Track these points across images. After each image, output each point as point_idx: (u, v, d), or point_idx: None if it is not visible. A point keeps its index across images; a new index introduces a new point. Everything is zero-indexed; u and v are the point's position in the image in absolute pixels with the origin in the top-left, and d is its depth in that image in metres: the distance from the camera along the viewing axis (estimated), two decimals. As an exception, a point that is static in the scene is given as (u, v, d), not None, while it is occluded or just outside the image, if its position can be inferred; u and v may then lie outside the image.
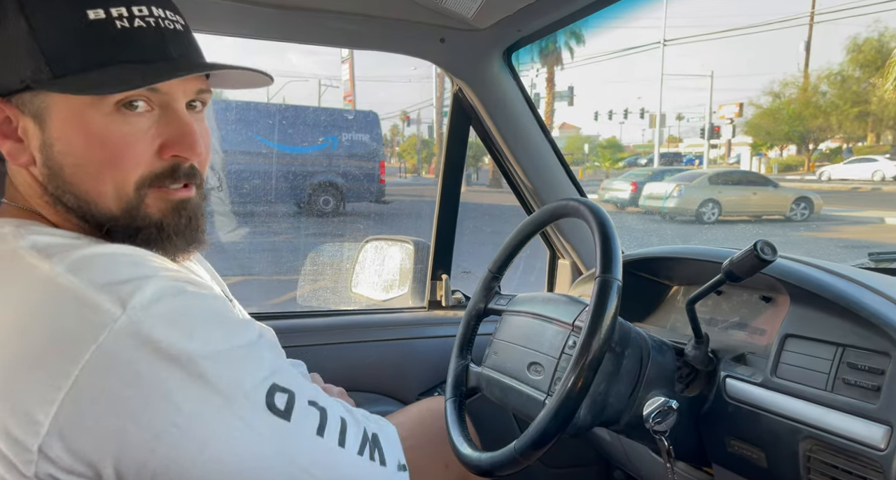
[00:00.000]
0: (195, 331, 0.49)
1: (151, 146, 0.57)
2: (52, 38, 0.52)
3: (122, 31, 0.53)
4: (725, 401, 0.93)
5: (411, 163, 23.49)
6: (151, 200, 0.58)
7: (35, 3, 0.52)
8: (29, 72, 0.52)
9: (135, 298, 0.48)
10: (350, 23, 1.17)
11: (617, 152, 28.84)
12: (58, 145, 0.55)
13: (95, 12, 0.52)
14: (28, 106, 0.54)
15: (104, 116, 0.54)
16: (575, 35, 20.71)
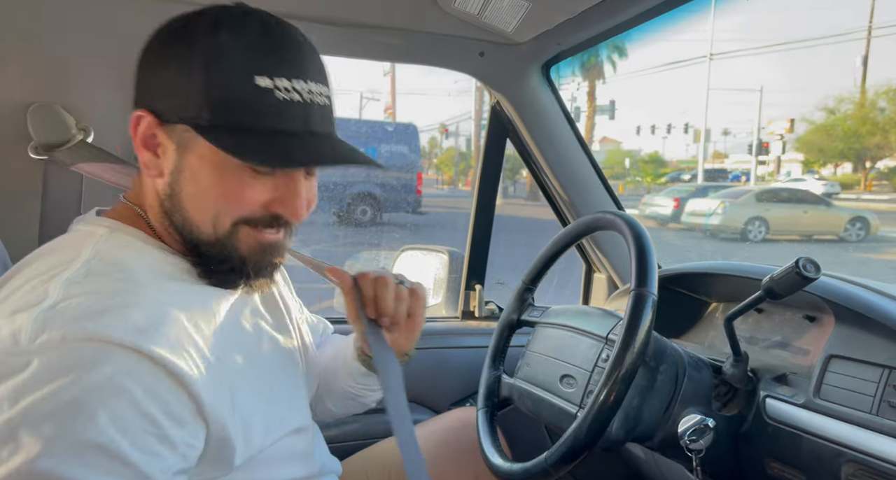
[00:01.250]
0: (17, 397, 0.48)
1: (261, 198, 0.62)
2: (221, 94, 0.57)
3: (279, 102, 0.58)
4: (765, 422, 0.91)
5: (448, 175, 23.64)
6: (243, 236, 0.63)
7: (219, 59, 0.57)
8: (191, 114, 0.58)
9: (25, 342, 0.49)
10: (392, 37, 1.20)
11: (659, 167, 28.28)
12: (187, 173, 0.60)
13: (262, 80, 0.57)
14: (176, 134, 0.60)
15: (234, 167, 0.59)
16: (617, 49, 20.54)
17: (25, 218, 1.00)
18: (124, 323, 0.52)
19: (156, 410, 0.51)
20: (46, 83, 1.01)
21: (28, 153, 0.99)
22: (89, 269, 0.56)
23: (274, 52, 0.59)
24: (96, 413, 0.48)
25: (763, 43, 49.90)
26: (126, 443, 0.49)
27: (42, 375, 0.48)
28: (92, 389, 0.48)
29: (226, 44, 0.58)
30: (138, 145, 0.62)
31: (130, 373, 0.50)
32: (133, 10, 1.03)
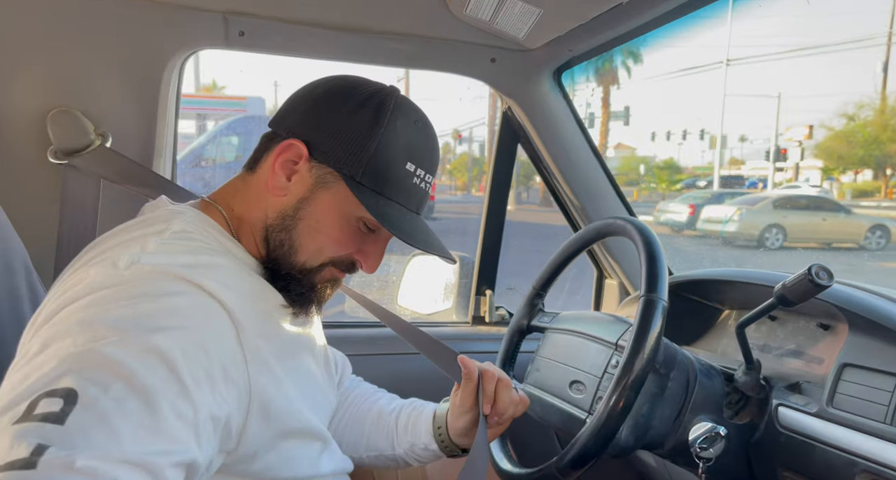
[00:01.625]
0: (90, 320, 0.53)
1: (353, 246, 0.72)
2: (380, 161, 0.68)
3: (413, 186, 0.71)
4: (777, 431, 0.90)
5: (462, 180, 23.66)
6: (326, 273, 0.73)
7: (390, 139, 0.69)
8: (346, 165, 0.68)
9: (122, 267, 0.57)
10: (404, 43, 1.21)
11: (674, 174, 28.03)
12: (310, 207, 0.69)
13: (410, 166, 0.70)
14: (319, 173, 0.69)
15: (350, 218, 0.70)
16: (632, 54, 20.46)
17: (45, 221, 1.03)
18: (210, 275, 0.60)
19: (213, 350, 0.56)
20: (66, 89, 1.03)
21: (48, 158, 1.01)
22: (180, 236, 0.64)
23: (425, 148, 0.72)
24: (168, 328, 0.53)
25: (781, 48, 49.38)
26: (182, 361, 0.52)
27: (129, 290, 0.54)
28: (170, 310, 0.54)
29: (400, 129, 0.70)
30: (275, 165, 0.69)
31: (206, 312, 0.57)
32: (149, 17, 1.05)
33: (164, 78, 1.08)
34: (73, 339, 0.50)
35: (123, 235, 0.64)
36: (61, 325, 0.52)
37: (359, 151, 0.68)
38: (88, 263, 0.60)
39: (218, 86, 23.97)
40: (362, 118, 0.68)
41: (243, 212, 0.72)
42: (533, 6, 1.06)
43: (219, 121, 9.82)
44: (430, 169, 0.73)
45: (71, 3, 1.01)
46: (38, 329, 0.54)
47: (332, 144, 0.68)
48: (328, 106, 0.70)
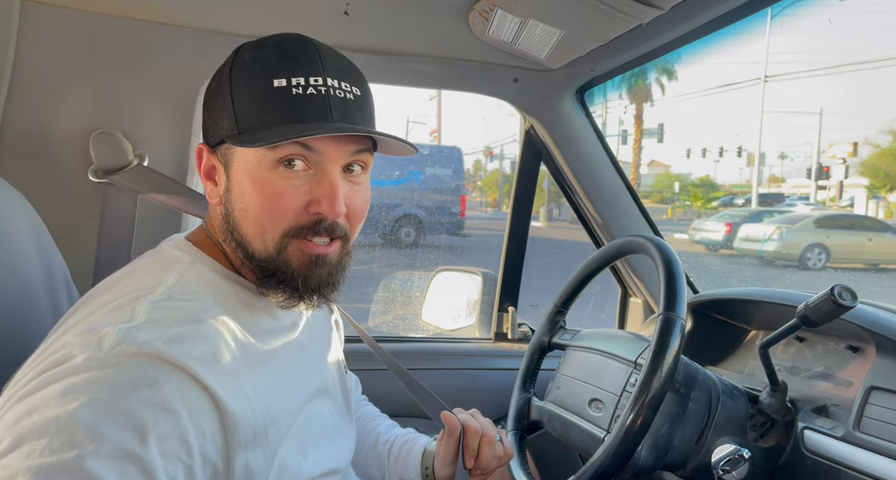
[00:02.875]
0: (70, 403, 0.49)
1: (300, 201, 0.63)
2: (243, 102, 0.62)
3: (295, 97, 0.62)
4: (803, 454, 0.87)
5: (492, 197, 23.68)
6: (293, 250, 0.64)
7: (239, 73, 0.63)
8: (226, 129, 0.63)
9: (107, 348, 0.53)
10: (429, 65, 1.25)
11: (710, 191, 27.45)
12: (233, 190, 0.65)
13: (279, 81, 0.62)
14: (223, 157, 0.66)
15: (267, 170, 0.62)
16: (666, 71, 20.28)
17: (84, 237, 1.08)
18: (190, 351, 0.55)
19: (194, 441, 0.53)
20: (108, 111, 1.10)
21: (88, 176, 1.07)
22: (170, 295, 0.60)
23: (289, 58, 0.63)
24: (147, 429, 0.50)
25: (822, 64, 48.20)
26: (161, 465, 0.50)
27: (111, 378, 0.51)
28: (148, 404, 0.51)
29: (245, 61, 0.64)
30: (202, 178, 0.68)
31: (183, 397, 0.53)
32: (186, 43, 1.11)
33: (199, 99, 1.14)
34: (49, 441, 0.47)
35: (115, 291, 0.61)
36: (37, 417, 0.48)
37: (224, 111, 0.63)
38: (75, 328, 0.56)
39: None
40: (214, 84, 0.66)
41: (221, 237, 0.68)
42: (554, 28, 1.08)
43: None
44: (313, 71, 0.62)
45: (114, 31, 1.07)
46: (18, 399, 0.51)
47: (211, 126, 0.66)
48: (204, 101, 0.68)
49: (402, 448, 0.91)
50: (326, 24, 1.14)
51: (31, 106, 1.05)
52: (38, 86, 1.05)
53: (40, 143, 1.06)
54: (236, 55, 0.65)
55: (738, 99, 65.33)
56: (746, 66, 29.98)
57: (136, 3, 1.06)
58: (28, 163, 1.06)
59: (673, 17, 0.97)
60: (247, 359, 0.61)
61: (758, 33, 19.92)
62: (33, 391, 0.51)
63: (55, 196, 1.08)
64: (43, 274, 0.77)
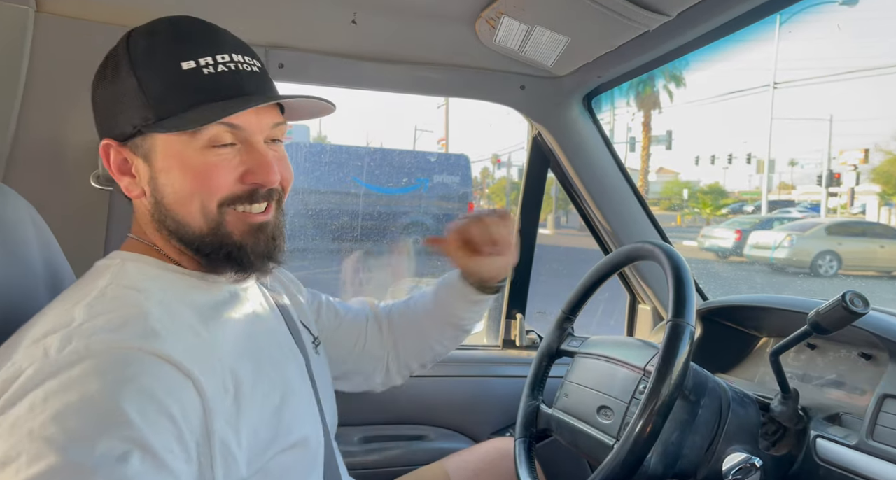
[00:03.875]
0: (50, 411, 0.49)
1: (234, 173, 0.65)
2: (155, 88, 0.62)
3: (209, 77, 0.63)
4: (816, 463, 0.86)
5: (500, 204, 23.69)
6: (231, 220, 0.65)
7: (141, 61, 0.62)
8: (139, 119, 0.62)
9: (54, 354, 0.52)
10: (436, 72, 1.26)
11: (719, 198, 27.30)
12: (161, 177, 0.64)
13: (187, 63, 0.62)
14: (139, 148, 0.64)
15: (196, 151, 0.63)
16: (674, 78, 20.25)
17: (91, 245, 1.09)
18: (142, 331, 0.55)
19: (177, 412, 0.53)
20: None
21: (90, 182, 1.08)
22: (105, 293, 0.60)
23: (189, 39, 0.64)
24: (126, 410, 0.50)
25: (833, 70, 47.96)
26: (153, 438, 0.50)
27: (71, 380, 0.50)
28: (119, 389, 0.51)
29: (144, 48, 0.63)
30: (116, 175, 0.66)
31: (152, 374, 0.53)
32: None
33: None
34: (27, 456, 0.46)
35: (53, 308, 0.60)
36: (11, 440, 0.48)
37: (132, 100, 0.62)
38: (16, 345, 0.55)
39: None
40: (109, 72, 0.64)
41: (149, 233, 0.68)
42: (561, 35, 1.09)
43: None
44: (217, 50, 0.64)
45: None
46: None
47: (116, 118, 0.64)
48: (95, 96, 0.66)
49: (437, 286, 1.03)
50: (335, 32, 1.15)
51: (43, 115, 1.06)
52: (52, 96, 1.06)
53: (51, 152, 1.08)
54: (129, 45, 0.64)
55: (748, 105, 65.07)
56: (755, 72, 29.88)
57: (148, 14, 1.07)
58: (38, 172, 1.07)
59: (680, 24, 0.97)
60: (203, 329, 0.61)
61: (767, 39, 19.87)
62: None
63: (63, 204, 1.09)
64: (49, 282, 0.77)
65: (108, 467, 0.48)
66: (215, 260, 0.66)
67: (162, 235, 0.67)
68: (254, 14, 1.10)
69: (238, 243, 0.66)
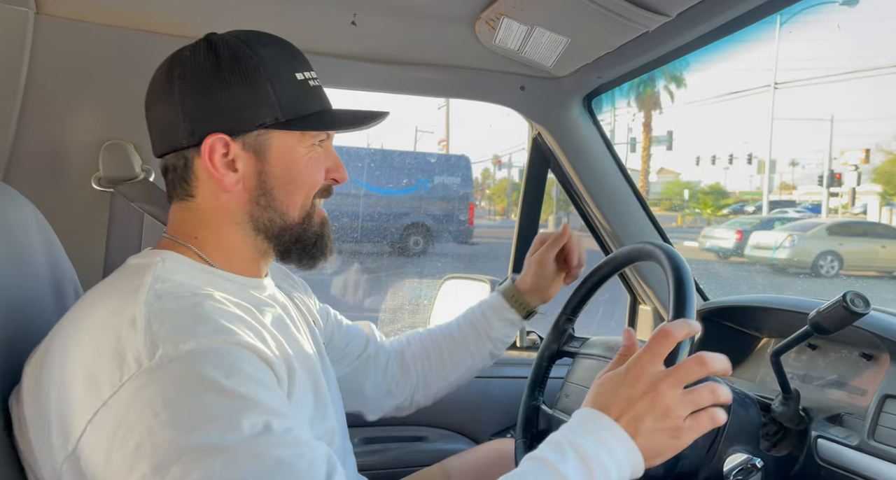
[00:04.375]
0: (177, 414, 0.53)
1: (323, 170, 0.75)
2: (283, 94, 0.70)
3: (313, 89, 0.73)
4: (817, 464, 0.86)
5: (501, 205, 23.69)
6: (314, 212, 0.76)
7: (272, 70, 0.70)
8: (268, 118, 0.69)
9: (166, 352, 0.55)
10: (436, 73, 1.26)
11: (720, 199, 27.28)
12: (272, 171, 0.71)
13: (301, 74, 0.72)
14: (250, 143, 0.70)
15: (306, 149, 0.73)
16: (675, 79, 20.26)
17: (93, 246, 1.09)
18: (214, 327, 0.59)
19: (268, 379, 0.60)
20: (120, 123, 1.11)
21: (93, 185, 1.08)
22: (157, 291, 0.62)
23: (292, 54, 0.73)
24: (237, 390, 0.55)
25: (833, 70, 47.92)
26: (276, 405, 0.57)
27: (176, 383, 0.54)
28: (221, 378, 0.55)
29: (267, 56, 0.70)
30: (218, 169, 0.69)
31: (244, 359, 0.58)
32: None
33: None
34: (185, 459, 0.52)
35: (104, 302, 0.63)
36: (158, 454, 0.52)
37: (265, 99, 0.69)
38: (87, 353, 0.58)
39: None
40: (240, 75, 0.68)
41: (211, 237, 0.71)
42: (560, 35, 1.09)
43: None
44: (308, 66, 0.74)
45: (126, 44, 1.09)
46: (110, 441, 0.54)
47: (240, 114, 0.68)
48: (204, 92, 0.68)
49: (470, 310, 1.08)
50: (335, 34, 1.15)
51: (44, 117, 1.06)
52: (52, 98, 1.06)
53: (52, 153, 1.08)
54: (252, 50, 0.70)
55: (748, 106, 65.10)
56: (757, 72, 29.88)
57: (148, 15, 1.07)
58: (39, 173, 1.08)
59: (680, 24, 0.97)
60: (254, 323, 0.65)
61: (768, 40, 19.88)
62: (114, 431, 0.53)
63: (65, 205, 1.09)
64: (52, 282, 0.78)
65: (258, 439, 0.54)
66: (293, 251, 0.75)
67: (234, 239, 0.72)
68: (253, 15, 1.11)
69: (318, 233, 0.76)
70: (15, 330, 0.66)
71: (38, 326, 0.71)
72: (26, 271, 0.71)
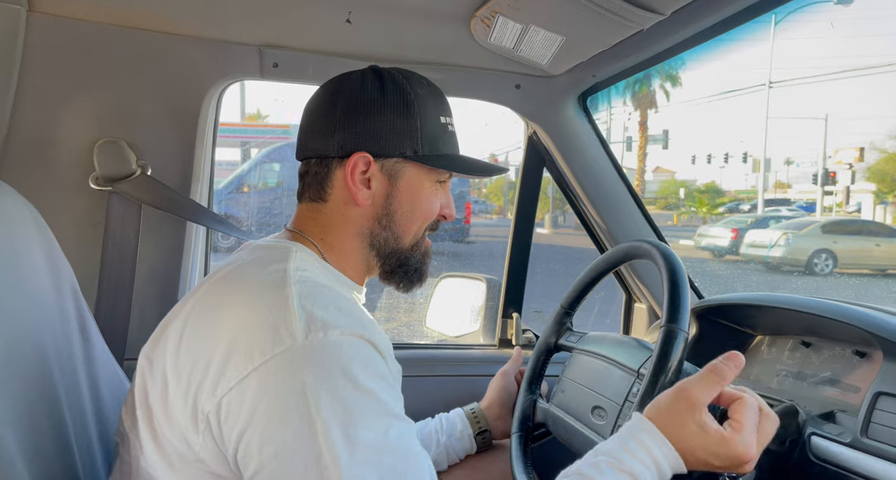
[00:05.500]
0: (319, 395, 0.59)
1: (438, 205, 0.83)
2: (427, 130, 0.78)
3: (450, 133, 0.82)
4: (810, 460, 0.86)
5: (498, 204, 23.69)
6: (423, 243, 0.84)
7: (424, 108, 0.78)
8: (409, 149, 0.77)
9: (316, 334, 0.62)
10: (431, 72, 1.24)
11: (716, 197, 27.34)
12: (399, 197, 0.79)
13: (444, 118, 0.81)
14: (387, 167, 0.78)
15: (430, 183, 0.81)
16: (670, 78, 20.31)
17: (89, 245, 1.09)
18: (353, 321, 0.65)
19: (391, 379, 0.66)
20: (113, 120, 1.11)
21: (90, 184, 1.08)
22: (303, 280, 0.68)
23: (440, 99, 0.82)
24: (372, 384, 0.62)
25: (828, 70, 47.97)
26: (393, 402, 0.64)
27: (326, 355, 0.61)
28: (365, 364, 0.62)
29: (422, 95, 0.79)
30: (356, 183, 0.76)
31: (374, 356, 0.65)
32: (191, 51, 1.12)
33: (203, 107, 1.15)
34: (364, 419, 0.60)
35: (249, 277, 0.70)
36: (294, 424, 0.58)
37: (411, 132, 0.77)
38: (239, 324, 0.64)
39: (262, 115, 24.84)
40: (396, 106, 0.77)
41: (334, 241, 0.79)
42: (555, 34, 1.08)
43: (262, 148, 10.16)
44: (450, 112, 0.83)
45: (119, 41, 1.09)
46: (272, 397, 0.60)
47: (388, 140, 0.76)
48: (365, 114, 0.76)
49: (441, 417, 1.12)
50: (329, 32, 1.15)
51: (37, 115, 1.06)
52: (44, 96, 1.06)
53: (46, 152, 1.07)
54: (411, 87, 0.78)
55: (744, 105, 65.22)
56: (753, 71, 29.93)
57: (141, 13, 1.07)
58: (34, 172, 1.07)
59: (674, 23, 0.97)
60: (375, 323, 0.72)
61: (762, 40, 19.93)
62: (262, 400, 0.59)
63: (60, 204, 1.08)
64: (52, 282, 0.77)
65: (377, 443, 0.60)
66: (396, 273, 0.83)
67: (354, 249, 0.80)
68: (248, 13, 1.10)
69: (421, 261, 0.84)
70: (13, 332, 0.66)
71: (38, 328, 0.71)
72: (25, 271, 0.71)
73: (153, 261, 1.16)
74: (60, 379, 0.72)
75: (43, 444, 0.66)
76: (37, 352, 0.70)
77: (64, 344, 0.77)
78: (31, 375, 0.68)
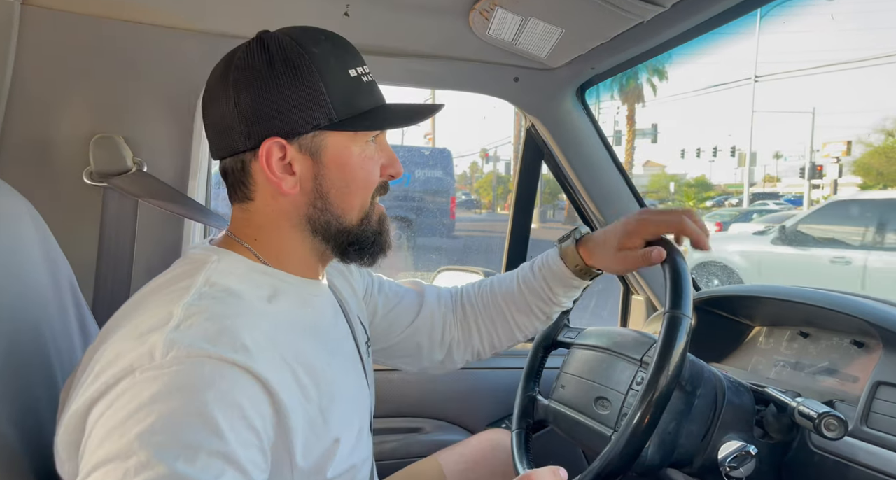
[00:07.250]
0: (156, 417, 0.52)
1: (377, 167, 0.73)
2: (336, 91, 0.67)
3: (366, 85, 0.70)
4: (811, 450, 0.88)
5: (487, 199, 23.71)
6: (373, 210, 0.74)
7: (325, 67, 0.67)
8: (322, 119, 0.67)
9: (159, 357, 0.55)
10: (430, 65, 1.25)
11: (704, 191, 27.56)
12: (328, 174, 0.69)
13: (354, 70, 0.69)
14: (305, 145, 0.68)
15: (360, 149, 0.70)
16: (657, 72, 20.36)
17: (86, 242, 1.08)
18: (235, 345, 0.58)
19: (259, 425, 0.57)
20: (109, 116, 1.09)
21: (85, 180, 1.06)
22: (203, 294, 0.62)
23: (344, 50, 0.70)
24: (220, 425, 0.53)
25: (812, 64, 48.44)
26: (242, 454, 0.54)
27: (173, 386, 0.54)
28: (213, 402, 0.54)
29: (319, 54, 0.67)
30: (276, 174, 0.67)
31: (242, 389, 0.56)
32: (188, 46, 1.11)
33: (201, 102, 1.13)
34: (137, 459, 0.50)
35: (154, 297, 0.64)
36: (121, 440, 0.52)
37: (318, 99, 0.66)
38: (123, 338, 0.59)
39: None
40: (291, 76, 0.66)
41: (270, 239, 0.71)
42: (555, 26, 1.08)
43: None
44: (360, 61, 0.71)
45: (114, 34, 1.07)
46: (96, 419, 0.54)
47: (295, 115, 0.66)
48: (259, 94, 0.66)
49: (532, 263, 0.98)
50: (326, 24, 1.13)
51: (31, 110, 1.04)
52: (39, 91, 1.04)
53: (41, 148, 1.06)
54: (304, 49, 0.67)
55: (732, 99, 65.64)
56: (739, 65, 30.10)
57: (136, 6, 1.05)
58: (29, 168, 1.05)
59: (674, 15, 0.97)
60: (288, 343, 0.64)
61: (749, 34, 20.04)
62: (105, 412, 0.54)
63: (56, 200, 1.07)
64: (50, 278, 0.76)
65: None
66: (350, 252, 0.73)
67: (293, 242, 0.71)
68: (243, 5, 1.09)
69: (376, 231, 0.74)
70: (12, 328, 0.65)
71: (37, 325, 0.70)
72: (23, 268, 0.70)
73: (150, 257, 1.15)
74: (61, 375, 0.72)
75: (45, 440, 0.65)
76: (37, 348, 0.69)
77: (63, 339, 0.76)
78: (32, 371, 0.67)
